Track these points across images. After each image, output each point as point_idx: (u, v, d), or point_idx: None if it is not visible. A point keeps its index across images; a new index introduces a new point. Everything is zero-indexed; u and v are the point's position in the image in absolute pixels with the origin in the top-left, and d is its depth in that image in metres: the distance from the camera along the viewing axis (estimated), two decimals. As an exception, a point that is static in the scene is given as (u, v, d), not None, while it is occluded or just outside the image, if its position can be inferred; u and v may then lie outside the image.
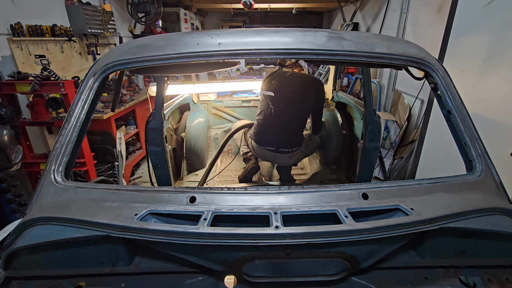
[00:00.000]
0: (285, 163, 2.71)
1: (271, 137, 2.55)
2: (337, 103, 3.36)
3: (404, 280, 1.03)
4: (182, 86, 3.03)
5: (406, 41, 1.35)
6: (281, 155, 2.57)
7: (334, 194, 1.07)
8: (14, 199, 2.37)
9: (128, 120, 4.43)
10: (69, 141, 1.16)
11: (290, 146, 2.54)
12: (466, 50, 2.43)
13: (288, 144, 2.54)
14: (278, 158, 2.63)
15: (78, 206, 1.02)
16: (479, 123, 1.36)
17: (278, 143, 2.53)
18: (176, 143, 3.11)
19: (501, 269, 1.04)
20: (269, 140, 2.56)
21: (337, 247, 0.97)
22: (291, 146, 2.54)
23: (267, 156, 2.65)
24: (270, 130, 2.54)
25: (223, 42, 1.20)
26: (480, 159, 1.16)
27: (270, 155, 2.60)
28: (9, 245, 0.97)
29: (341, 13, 7.62)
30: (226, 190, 1.08)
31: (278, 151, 2.55)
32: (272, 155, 2.59)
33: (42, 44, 3.75)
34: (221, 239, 0.92)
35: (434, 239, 1.05)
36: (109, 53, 1.30)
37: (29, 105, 3.02)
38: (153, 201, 1.05)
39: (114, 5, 5.70)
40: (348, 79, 6.47)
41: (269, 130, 2.54)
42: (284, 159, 2.62)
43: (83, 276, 1.02)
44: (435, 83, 1.28)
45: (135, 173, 4.69)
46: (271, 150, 2.56)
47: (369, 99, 2.30)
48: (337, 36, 1.23)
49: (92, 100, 1.24)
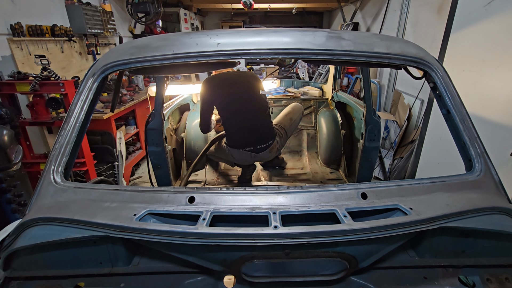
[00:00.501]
0: (267, 158, 2.68)
1: (245, 137, 2.50)
2: (337, 103, 3.36)
3: (403, 280, 1.03)
4: (182, 86, 3.04)
5: (405, 41, 1.35)
6: (260, 153, 2.54)
7: (333, 194, 1.07)
8: (14, 199, 2.37)
9: (128, 120, 4.43)
10: (68, 141, 1.17)
11: (265, 140, 2.51)
12: (466, 50, 2.43)
13: (264, 139, 2.50)
14: (258, 157, 2.59)
15: (78, 207, 1.02)
16: (479, 123, 1.36)
17: (254, 140, 2.49)
18: (176, 143, 3.11)
19: (500, 268, 1.04)
20: (245, 140, 2.51)
21: (336, 247, 0.97)
22: (266, 140, 2.51)
23: (248, 158, 2.60)
24: (244, 130, 2.50)
25: (222, 42, 1.20)
26: (480, 158, 1.16)
27: (249, 155, 2.55)
28: (9, 246, 0.97)
29: (341, 13, 7.63)
30: (225, 190, 1.08)
31: (257, 149, 2.51)
32: (251, 155, 2.55)
33: (42, 44, 3.76)
34: (220, 239, 0.92)
35: (433, 239, 1.05)
36: (108, 53, 1.30)
37: (29, 105, 3.03)
38: (152, 201, 1.05)
39: (114, 5, 5.70)
40: (348, 79, 6.47)
41: (243, 130, 2.50)
42: (265, 155, 2.58)
43: (83, 276, 1.02)
44: (434, 82, 1.27)
45: (135, 173, 4.69)
46: (250, 151, 2.51)
47: (369, 99, 2.30)
48: (336, 36, 1.23)
49: (92, 100, 1.24)
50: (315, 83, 4.27)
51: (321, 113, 3.51)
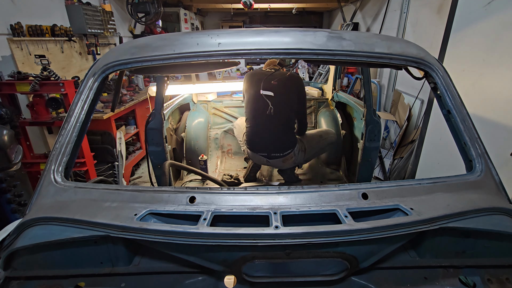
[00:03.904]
0: (280, 166, 2.65)
1: (264, 141, 2.47)
2: (337, 103, 3.36)
3: (404, 280, 1.03)
4: (182, 86, 3.03)
5: (405, 41, 1.35)
6: (273, 160, 2.50)
7: (334, 194, 1.07)
8: (14, 199, 2.37)
9: (128, 120, 4.43)
10: (69, 141, 1.16)
11: (282, 150, 2.45)
12: (466, 50, 2.43)
13: (281, 148, 2.45)
14: (271, 164, 2.58)
15: (78, 206, 1.02)
16: (479, 123, 1.36)
17: (271, 147, 2.45)
18: (176, 143, 3.11)
19: (501, 269, 1.04)
20: (262, 145, 2.48)
21: (337, 247, 0.97)
22: (283, 150, 2.45)
23: (262, 161, 2.60)
24: (263, 134, 2.46)
25: (223, 42, 1.20)
26: (480, 159, 1.16)
27: (263, 161, 2.55)
28: (9, 245, 0.97)
29: (341, 13, 7.63)
30: (226, 190, 1.08)
31: (270, 157, 2.48)
32: (265, 161, 2.54)
33: (42, 44, 3.75)
34: (221, 239, 0.92)
35: (434, 239, 1.05)
36: (108, 53, 1.30)
37: (29, 105, 3.03)
38: (152, 201, 1.05)
39: (114, 5, 5.70)
40: (348, 79, 6.47)
41: (262, 133, 2.46)
42: (277, 163, 2.55)
43: (83, 276, 1.02)
44: (434, 83, 1.27)
45: (135, 173, 4.69)
46: (263, 156, 2.50)
47: (369, 99, 2.30)
48: (336, 36, 1.23)
49: (92, 100, 1.24)
50: (315, 83, 4.27)
51: (321, 113, 3.52)
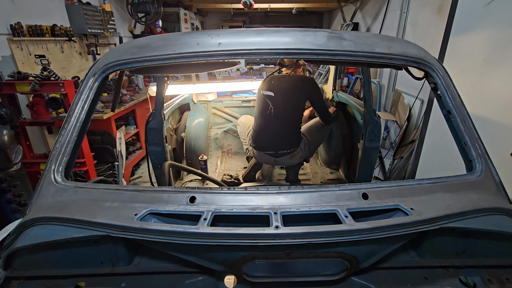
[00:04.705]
0: (287, 163, 2.70)
1: (269, 140, 2.53)
2: (337, 103, 3.36)
3: (404, 280, 1.03)
4: (182, 86, 3.03)
5: (406, 41, 1.35)
6: (280, 158, 2.56)
7: (334, 194, 1.07)
8: (14, 199, 2.37)
9: (128, 120, 4.43)
10: (69, 141, 1.16)
11: (289, 146, 2.52)
12: (466, 50, 2.43)
13: (287, 145, 2.52)
14: (279, 162, 2.62)
15: (78, 206, 1.02)
16: (479, 123, 1.36)
17: (277, 145, 2.51)
18: (176, 143, 3.11)
19: (501, 269, 1.04)
20: (268, 144, 2.54)
21: (337, 247, 0.97)
22: (289, 147, 2.52)
23: (269, 161, 2.65)
24: (268, 133, 2.52)
25: (223, 42, 1.20)
26: (480, 159, 1.16)
27: (270, 160, 2.60)
28: (9, 245, 0.97)
29: (341, 13, 7.62)
30: (226, 190, 1.08)
31: (278, 155, 2.54)
32: (272, 160, 2.59)
33: (42, 44, 3.75)
34: (221, 239, 0.92)
35: (434, 239, 1.05)
36: (109, 53, 1.30)
37: (29, 105, 3.02)
38: (153, 201, 1.05)
39: (114, 5, 5.70)
40: (348, 79, 6.46)
41: (267, 132, 2.52)
42: (285, 161, 2.60)
43: (83, 276, 1.02)
44: (435, 83, 1.27)
45: (135, 173, 4.69)
46: (271, 155, 2.55)
47: (369, 99, 2.30)
48: (337, 36, 1.23)
49: (92, 100, 1.24)
50: (315, 83, 4.26)
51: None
